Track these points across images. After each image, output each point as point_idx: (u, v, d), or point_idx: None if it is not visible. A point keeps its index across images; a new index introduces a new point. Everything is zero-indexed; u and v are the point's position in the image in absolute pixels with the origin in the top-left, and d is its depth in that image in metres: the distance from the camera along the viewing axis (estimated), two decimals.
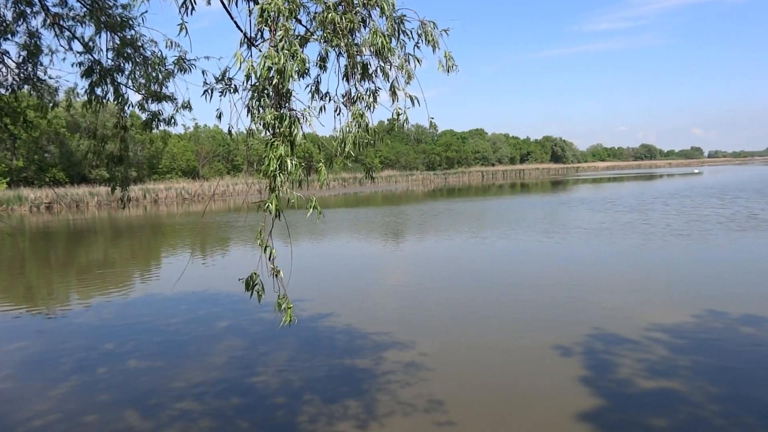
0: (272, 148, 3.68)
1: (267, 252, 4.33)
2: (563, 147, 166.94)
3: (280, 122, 3.68)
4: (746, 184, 53.88)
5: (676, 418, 6.38)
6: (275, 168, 3.70)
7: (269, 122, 3.66)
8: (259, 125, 3.85)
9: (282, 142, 3.69)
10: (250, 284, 4.42)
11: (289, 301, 4.55)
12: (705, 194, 41.10)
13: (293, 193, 3.99)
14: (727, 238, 19.06)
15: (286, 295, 4.57)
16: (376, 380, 7.87)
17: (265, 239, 4.32)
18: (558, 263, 16.33)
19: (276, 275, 4.51)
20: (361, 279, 15.54)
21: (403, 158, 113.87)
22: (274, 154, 3.66)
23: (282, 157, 3.69)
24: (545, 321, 10.37)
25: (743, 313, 10.14)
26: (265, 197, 4.08)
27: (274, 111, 3.59)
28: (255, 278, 4.41)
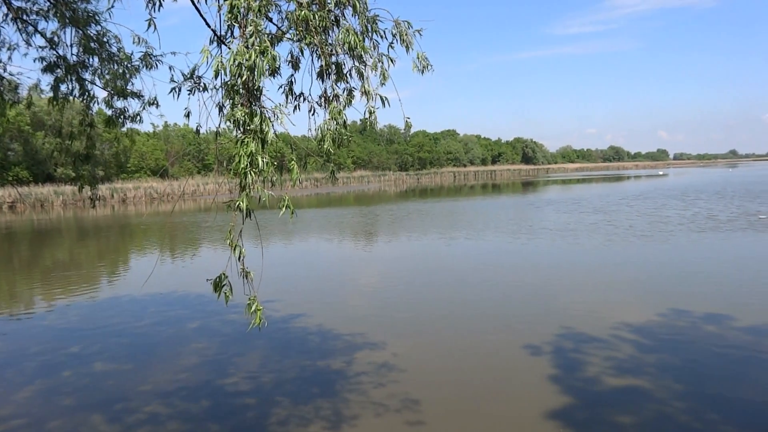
0: (243, 146, 3.63)
1: (236, 252, 4.28)
2: (534, 148, 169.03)
3: (251, 119, 3.63)
4: (708, 186, 55.28)
5: (642, 416, 6.51)
6: (246, 165, 3.66)
7: (239, 119, 3.62)
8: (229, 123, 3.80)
9: (253, 140, 3.64)
10: (218, 285, 4.36)
11: (259, 303, 4.51)
12: (668, 196, 42.01)
13: (265, 191, 3.94)
14: (687, 239, 19.50)
15: (256, 297, 4.52)
16: (347, 381, 7.85)
17: (234, 239, 4.27)
18: (527, 264, 16.52)
19: (246, 276, 4.46)
20: (332, 279, 15.49)
21: (375, 158, 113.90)
22: (245, 151, 3.62)
23: (253, 155, 3.64)
24: (515, 321, 10.47)
25: (706, 312, 10.40)
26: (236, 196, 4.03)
27: (245, 108, 3.54)
28: (223, 279, 4.35)
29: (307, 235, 26.13)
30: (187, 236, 27.40)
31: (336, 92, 3.93)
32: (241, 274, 4.49)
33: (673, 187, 55.18)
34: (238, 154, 3.65)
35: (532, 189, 65.88)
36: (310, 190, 78.24)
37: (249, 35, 3.37)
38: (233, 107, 3.57)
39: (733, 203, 33.21)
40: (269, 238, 24.78)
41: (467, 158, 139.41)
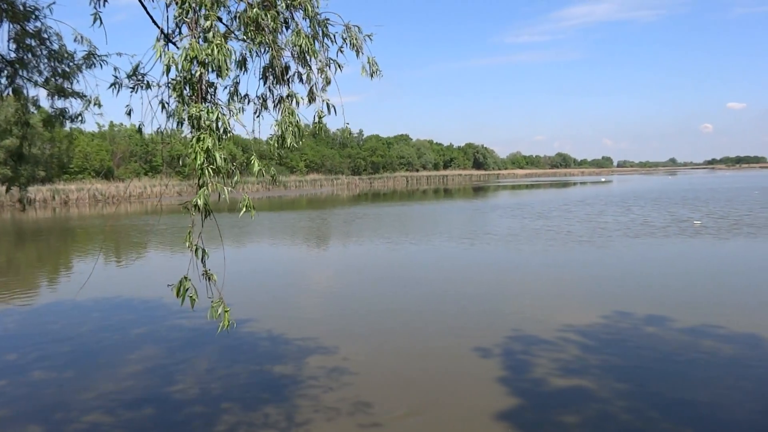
0: (199, 141, 3.53)
1: (199, 254, 4.15)
2: (485, 154, 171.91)
3: (208, 115, 3.55)
4: (647, 193, 57.49)
5: (586, 415, 6.70)
6: (203, 161, 3.55)
7: (195, 115, 3.52)
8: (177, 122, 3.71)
9: (210, 135, 3.55)
10: (181, 290, 4.19)
11: (226, 304, 4.39)
12: (608, 202, 43.32)
13: (225, 188, 3.83)
14: (624, 244, 20.19)
15: (222, 299, 4.40)
16: (298, 386, 7.77)
17: (194, 241, 4.15)
18: (476, 268, 16.78)
19: (209, 279, 4.33)
20: (284, 284, 15.33)
21: (328, 162, 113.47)
22: (201, 147, 3.52)
23: (210, 150, 3.54)
24: (466, 324, 10.61)
25: (647, 314, 10.80)
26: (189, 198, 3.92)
27: (199, 105, 3.46)
28: (186, 283, 4.18)
29: (259, 238, 25.79)
30: (132, 239, 26.60)
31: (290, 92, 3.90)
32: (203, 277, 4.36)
33: (614, 194, 57.11)
34: (194, 150, 3.55)
35: (482, 194, 67.01)
36: (261, 193, 77.23)
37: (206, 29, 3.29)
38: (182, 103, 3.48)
39: (667, 210, 34.59)
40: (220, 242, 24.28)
41: (420, 163, 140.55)
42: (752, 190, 55.11)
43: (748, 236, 21.50)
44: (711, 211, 32.95)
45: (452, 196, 65.97)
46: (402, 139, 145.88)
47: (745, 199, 41.96)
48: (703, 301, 11.97)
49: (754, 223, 25.84)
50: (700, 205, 37.36)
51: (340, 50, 3.93)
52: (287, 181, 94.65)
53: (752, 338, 9.25)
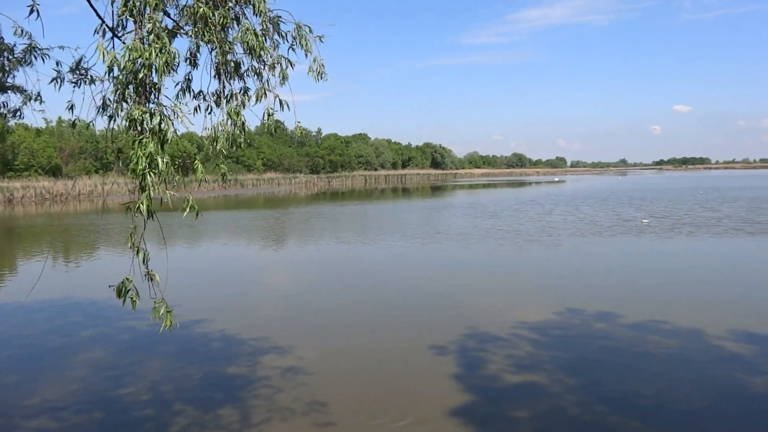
0: (141, 146, 3.48)
1: (140, 255, 4.11)
2: (443, 154, 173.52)
3: (150, 118, 3.49)
4: (597, 192, 59.14)
5: (537, 409, 6.86)
6: (145, 166, 3.52)
7: (137, 118, 3.46)
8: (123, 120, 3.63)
9: (152, 139, 3.51)
10: (122, 291, 4.16)
11: (168, 305, 4.37)
12: (558, 202, 44.22)
13: (167, 192, 3.80)
14: (572, 243, 20.70)
15: (164, 299, 4.37)
16: (252, 386, 7.70)
17: (137, 242, 4.09)
18: (431, 267, 16.94)
19: (151, 279, 4.30)
20: (239, 284, 15.14)
21: (286, 161, 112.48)
22: (143, 151, 3.47)
23: (152, 155, 3.51)
24: (422, 322, 10.70)
25: (596, 310, 11.12)
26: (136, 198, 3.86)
27: (142, 107, 3.39)
28: (128, 284, 4.16)
29: (214, 238, 25.39)
30: (80, 239, 25.78)
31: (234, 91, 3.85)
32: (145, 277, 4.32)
33: (565, 194, 58.49)
34: (135, 154, 3.50)
35: (440, 193, 67.63)
36: (217, 191, 75.99)
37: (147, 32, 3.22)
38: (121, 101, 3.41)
39: (615, 210, 35.63)
40: (173, 241, 23.81)
41: (378, 162, 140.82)
42: (697, 190, 57.37)
43: (690, 235, 22.36)
44: (657, 210, 34.13)
45: (410, 195, 66.36)
46: (360, 138, 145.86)
47: (689, 199, 43.63)
48: (649, 297, 12.40)
49: (694, 222, 26.89)
50: (646, 205, 38.64)
51: (291, 48, 3.91)
52: (244, 179, 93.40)
53: (695, 332, 9.63)
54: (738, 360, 8.34)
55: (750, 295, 12.39)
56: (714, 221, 26.80)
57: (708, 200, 41.67)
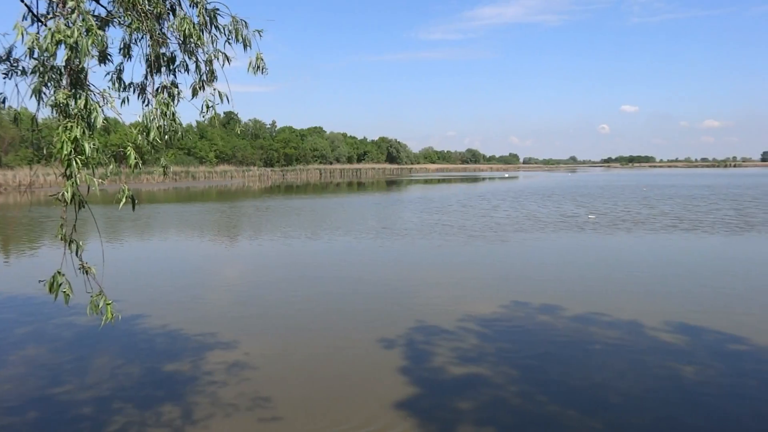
0: (65, 131, 3.33)
1: (73, 247, 3.96)
2: (398, 148, 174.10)
3: (75, 102, 3.34)
4: (548, 189, 60.54)
5: (480, 401, 6.97)
6: (69, 151, 3.36)
7: (61, 102, 3.31)
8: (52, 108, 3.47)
9: (77, 124, 3.36)
10: (54, 285, 4.00)
11: (107, 297, 4.22)
12: (506, 198, 44.81)
13: (94, 180, 3.65)
14: (518, 239, 21.14)
15: (102, 292, 4.22)
16: (195, 382, 7.56)
17: (68, 234, 3.94)
18: (381, 261, 17.00)
19: (86, 272, 4.14)
20: (185, 278, 14.82)
21: (240, 153, 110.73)
22: (68, 136, 3.32)
23: (77, 140, 3.35)
24: (370, 316, 10.73)
25: (541, 304, 11.38)
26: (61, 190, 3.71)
27: (66, 91, 3.25)
28: (59, 278, 4.00)
29: (163, 231, 24.79)
30: (16, 232, 24.73)
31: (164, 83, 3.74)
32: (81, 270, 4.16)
33: (515, 190, 59.63)
34: (60, 140, 3.35)
35: (394, 188, 67.88)
36: (168, 183, 74.19)
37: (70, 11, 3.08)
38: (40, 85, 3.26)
39: (562, 205, 36.58)
40: (121, 234, 23.14)
41: (334, 156, 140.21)
42: (641, 188, 59.47)
43: (630, 231, 23.15)
44: (602, 207, 35.19)
45: (365, 189, 66.35)
46: (316, 131, 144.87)
47: (633, 196, 45.16)
48: (591, 290, 12.77)
49: (635, 218, 27.86)
50: (590, 202, 39.79)
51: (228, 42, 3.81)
52: (196, 171, 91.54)
53: (634, 324, 9.97)
54: (673, 350, 8.68)
55: (684, 289, 12.92)
56: (652, 218, 27.83)
57: (648, 197, 43.22)
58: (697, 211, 30.70)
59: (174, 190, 62.71)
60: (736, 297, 12.04)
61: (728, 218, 26.98)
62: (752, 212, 29.80)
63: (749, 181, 76.87)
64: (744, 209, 31.71)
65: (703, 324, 9.90)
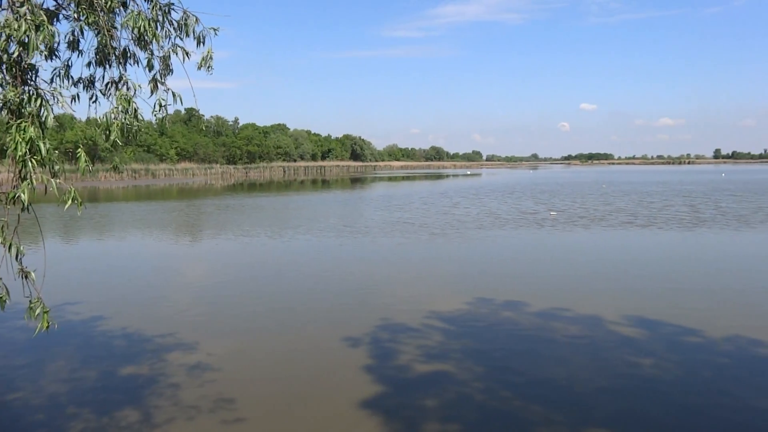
0: (19, 131, 3.21)
1: (13, 251, 3.81)
2: (362, 146, 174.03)
3: (29, 101, 3.22)
4: (504, 186, 61.38)
5: (445, 397, 7.00)
6: (25, 152, 3.24)
7: (13, 100, 3.18)
8: None
9: (31, 124, 3.23)
10: None
11: (45, 305, 4.09)
12: (464, 195, 45.13)
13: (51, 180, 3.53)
14: (480, 236, 21.39)
15: (40, 299, 4.09)
16: (156, 385, 7.38)
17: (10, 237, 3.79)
18: (345, 260, 16.96)
19: (26, 277, 4.01)
20: (146, 279, 14.49)
21: (201, 150, 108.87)
22: (23, 137, 3.20)
23: (33, 141, 3.23)
24: (334, 315, 10.68)
25: (504, 300, 11.51)
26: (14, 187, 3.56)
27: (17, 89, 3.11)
28: None
29: (121, 231, 24.18)
30: None
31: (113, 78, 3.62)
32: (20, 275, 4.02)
33: (476, 187, 60.29)
34: (14, 140, 3.22)
35: (359, 186, 67.81)
36: (127, 181, 72.51)
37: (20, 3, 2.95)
38: None
39: (524, 203, 37.14)
40: (76, 234, 22.48)
41: (297, 153, 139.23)
42: (601, 184, 60.86)
43: (588, 227, 23.66)
44: (563, 203, 35.87)
45: (329, 187, 66.08)
46: (279, 128, 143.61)
47: (592, 192, 46.17)
48: (552, 286, 12.99)
49: (593, 215, 28.49)
50: (551, 199, 40.52)
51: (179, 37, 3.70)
52: (156, 169, 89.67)
53: (595, 319, 10.17)
54: (631, 343, 8.89)
55: (641, 283, 13.26)
56: (609, 214, 28.51)
57: (606, 194, 44.25)
58: (652, 208, 31.57)
59: (133, 188, 61.30)
60: (690, 291, 12.41)
61: (681, 214, 27.82)
62: (703, 208, 30.79)
63: (701, 177, 79.55)
64: (696, 205, 32.76)
65: (660, 317, 10.17)
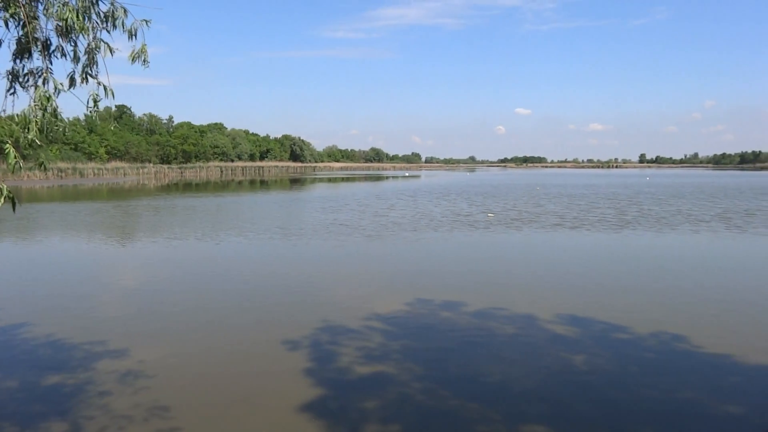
0: None
1: None
2: (302, 146, 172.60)
3: None
4: (440, 188, 62.41)
5: (386, 399, 7.03)
6: None
7: None
8: None
9: None
10: None
11: None
12: (400, 197, 45.23)
13: None
14: (415, 237, 21.65)
15: None
16: (84, 395, 7.05)
17: None
18: (280, 262, 16.77)
19: None
20: (72, 284, 13.82)
21: (133, 149, 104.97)
22: None
23: None
24: (272, 318, 10.53)
25: (442, 300, 11.67)
26: None
27: None
28: None
29: (45, 233, 22.97)
30: None
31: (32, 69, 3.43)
32: None
33: (413, 189, 60.99)
34: None
35: (297, 187, 67.17)
36: (52, 181, 69.04)
37: None
38: None
39: (459, 204, 37.86)
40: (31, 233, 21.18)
41: (235, 153, 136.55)
42: (535, 187, 62.82)
43: (521, 229, 24.37)
44: (498, 205, 36.78)
45: (267, 188, 65.12)
46: (216, 127, 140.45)
47: (526, 195, 47.56)
48: (487, 286, 13.28)
49: (522, 217, 29.38)
50: (487, 201, 41.48)
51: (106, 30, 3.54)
52: (84, 168, 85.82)
53: (530, 318, 10.47)
54: (565, 341, 9.21)
55: (572, 282, 13.76)
56: (540, 216, 29.47)
57: (539, 196, 45.71)
58: (580, 210, 32.83)
59: (59, 188, 58.39)
60: (616, 289, 12.98)
61: (607, 217, 29.06)
62: (627, 211, 32.28)
63: (627, 181, 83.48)
64: (621, 208, 34.31)
65: (590, 315, 10.59)
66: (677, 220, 27.43)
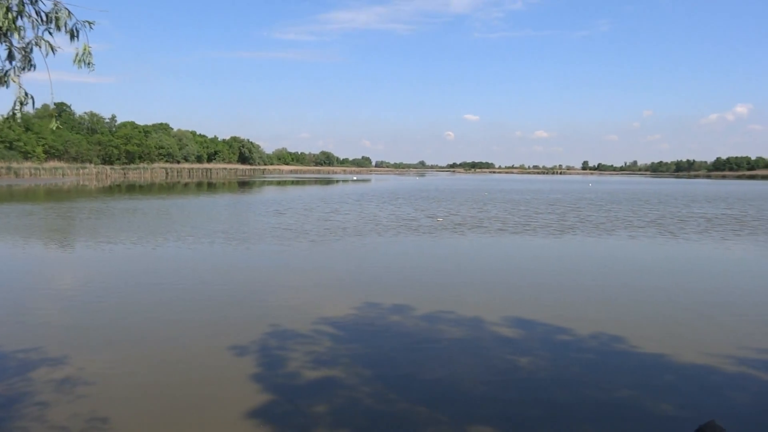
0: None
1: None
2: (251, 149, 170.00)
3: None
4: (388, 192, 62.85)
5: (335, 403, 7.01)
6: None
7: None
8: None
9: None
10: None
11: None
12: (345, 201, 45.28)
13: None
14: (362, 241, 21.77)
15: None
16: (18, 405, 6.73)
17: None
18: (224, 267, 16.48)
19: None
20: (5, 290, 13.18)
21: (73, 149, 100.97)
22: None
23: None
24: (217, 324, 10.33)
25: (390, 304, 11.73)
26: None
27: None
28: None
29: None
30: None
31: None
32: None
33: (360, 192, 61.14)
34: None
35: (246, 189, 66.15)
36: None
37: None
38: None
39: (403, 209, 38.20)
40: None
41: (181, 154, 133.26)
42: (483, 192, 63.99)
43: (466, 234, 24.79)
44: (444, 210, 37.27)
45: (215, 190, 63.85)
46: (162, 128, 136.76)
47: (472, 200, 48.37)
48: (434, 290, 13.41)
49: (471, 223, 29.89)
50: (434, 206, 41.97)
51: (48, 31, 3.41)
52: (19, 168, 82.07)
53: (477, 321, 10.65)
54: (510, 342, 9.41)
55: (515, 285, 14.09)
56: (486, 221, 30.05)
57: (485, 202, 46.60)
58: (524, 216, 33.63)
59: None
60: (558, 292, 13.36)
61: (549, 222, 29.88)
62: (568, 217, 33.28)
63: (570, 187, 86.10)
64: (563, 214, 35.35)
65: (534, 317, 10.86)
66: (614, 225, 28.47)
